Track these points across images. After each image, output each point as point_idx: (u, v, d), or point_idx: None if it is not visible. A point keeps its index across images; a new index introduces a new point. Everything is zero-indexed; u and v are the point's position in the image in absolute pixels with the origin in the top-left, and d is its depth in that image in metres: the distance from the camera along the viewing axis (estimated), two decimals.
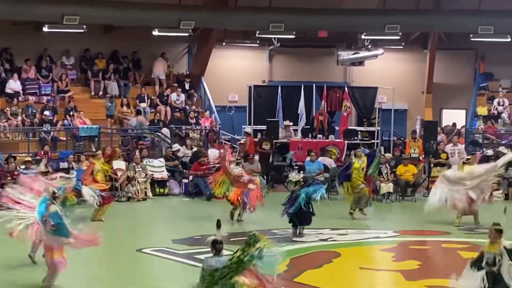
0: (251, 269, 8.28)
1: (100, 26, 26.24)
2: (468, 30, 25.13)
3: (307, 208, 15.69)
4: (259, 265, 8.27)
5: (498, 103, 27.24)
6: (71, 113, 24.15)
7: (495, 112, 27.15)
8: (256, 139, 24.42)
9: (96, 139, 23.48)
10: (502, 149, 23.54)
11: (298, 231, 15.99)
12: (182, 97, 26.54)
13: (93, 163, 17.83)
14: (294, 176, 16.39)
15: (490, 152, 23.73)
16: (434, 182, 20.99)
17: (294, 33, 25.80)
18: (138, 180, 21.33)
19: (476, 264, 9.68)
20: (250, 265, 8.25)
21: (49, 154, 22.07)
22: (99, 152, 18.99)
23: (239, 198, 17.36)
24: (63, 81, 25.36)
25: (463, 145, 24.06)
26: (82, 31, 23.90)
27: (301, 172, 17.22)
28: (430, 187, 21.39)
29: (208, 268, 8.54)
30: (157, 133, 24.63)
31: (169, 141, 24.17)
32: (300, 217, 15.80)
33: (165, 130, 24.62)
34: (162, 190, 21.88)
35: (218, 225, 8.93)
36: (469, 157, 20.17)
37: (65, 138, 23.67)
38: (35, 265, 12.50)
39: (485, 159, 22.20)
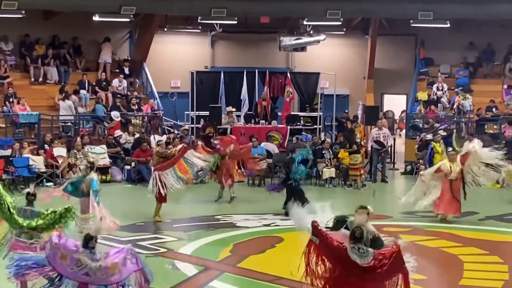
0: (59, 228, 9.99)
1: (40, 12, 25.86)
2: (408, 15, 25.36)
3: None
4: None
5: (437, 88, 27.55)
6: (11, 99, 23.77)
7: (435, 97, 27.49)
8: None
9: (36, 126, 23.20)
10: (441, 132, 23.88)
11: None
12: (124, 83, 26.33)
13: None
14: None
15: (429, 136, 24.04)
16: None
17: (236, 18, 25.73)
18: (79, 167, 21.00)
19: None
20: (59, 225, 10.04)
21: None
22: None
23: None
24: (2, 67, 24.95)
25: (388, 129, 24.05)
26: (21, 16, 23.56)
27: None
28: (371, 171, 21.61)
29: (24, 216, 10.07)
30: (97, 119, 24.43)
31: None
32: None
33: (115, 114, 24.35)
34: (104, 177, 21.61)
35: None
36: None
37: (4, 125, 23.31)
38: None
39: (424, 144, 22.57)
